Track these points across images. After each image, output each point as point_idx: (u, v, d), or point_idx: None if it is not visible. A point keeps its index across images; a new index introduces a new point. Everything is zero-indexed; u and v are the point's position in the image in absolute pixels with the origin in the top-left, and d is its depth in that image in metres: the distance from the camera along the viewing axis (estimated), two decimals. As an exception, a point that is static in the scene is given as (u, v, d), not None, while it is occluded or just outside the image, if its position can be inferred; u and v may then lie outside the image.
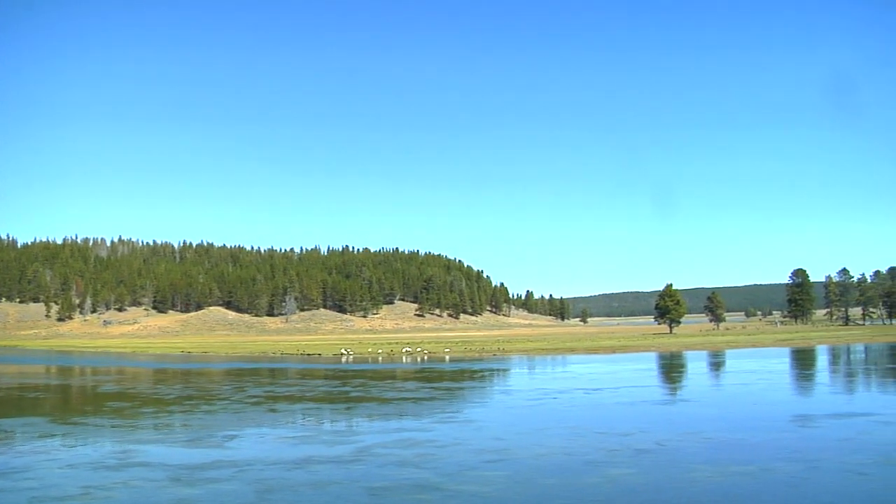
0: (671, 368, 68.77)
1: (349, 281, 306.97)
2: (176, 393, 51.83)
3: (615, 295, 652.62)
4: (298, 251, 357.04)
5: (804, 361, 72.77)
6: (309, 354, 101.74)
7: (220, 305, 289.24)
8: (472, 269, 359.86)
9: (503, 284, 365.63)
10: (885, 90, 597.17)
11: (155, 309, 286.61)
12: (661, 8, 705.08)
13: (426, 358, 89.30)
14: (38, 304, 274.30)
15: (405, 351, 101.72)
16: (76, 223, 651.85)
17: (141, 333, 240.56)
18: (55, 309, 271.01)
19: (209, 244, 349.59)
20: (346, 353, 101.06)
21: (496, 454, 25.47)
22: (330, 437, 30.75)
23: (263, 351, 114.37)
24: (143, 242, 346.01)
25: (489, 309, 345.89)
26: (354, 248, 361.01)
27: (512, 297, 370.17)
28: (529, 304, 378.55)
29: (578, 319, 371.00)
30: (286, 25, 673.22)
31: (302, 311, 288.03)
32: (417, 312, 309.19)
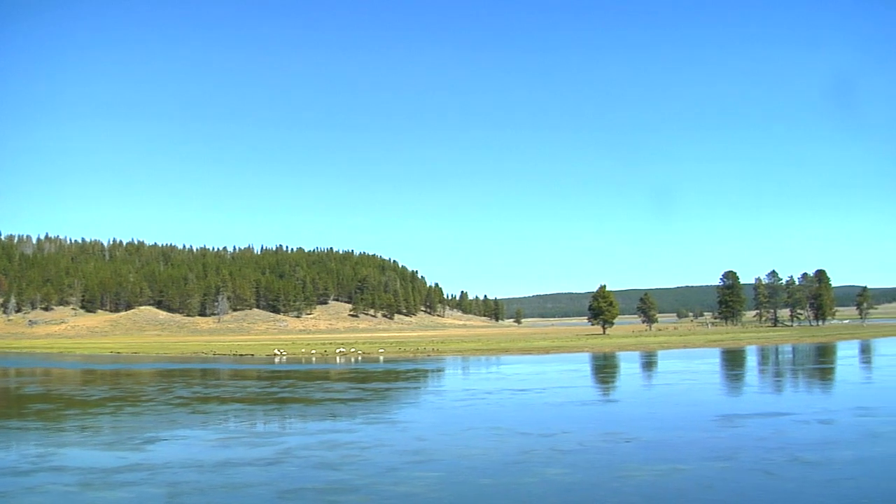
0: (603, 369, 69.75)
1: (283, 281, 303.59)
2: (102, 394, 50.61)
3: (549, 296, 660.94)
4: (231, 250, 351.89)
5: (733, 362, 74.72)
6: (241, 355, 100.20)
7: (150, 305, 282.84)
8: (406, 269, 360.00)
9: (438, 285, 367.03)
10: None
11: (83, 308, 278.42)
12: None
13: (360, 359, 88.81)
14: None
15: (339, 352, 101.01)
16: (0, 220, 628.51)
17: (69, 333, 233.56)
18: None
19: (140, 242, 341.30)
20: (279, 353, 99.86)
21: (418, 455, 25.45)
22: (253, 438, 30.31)
23: (195, 351, 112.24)
24: (70, 240, 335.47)
25: (424, 309, 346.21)
26: (288, 247, 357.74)
27: (446, 297, 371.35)
28: (464, 304, 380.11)
29: (512, 320, 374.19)
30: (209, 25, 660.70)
31: (235, 311, 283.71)
32: (352, 313, 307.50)
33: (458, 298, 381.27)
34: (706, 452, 24.99)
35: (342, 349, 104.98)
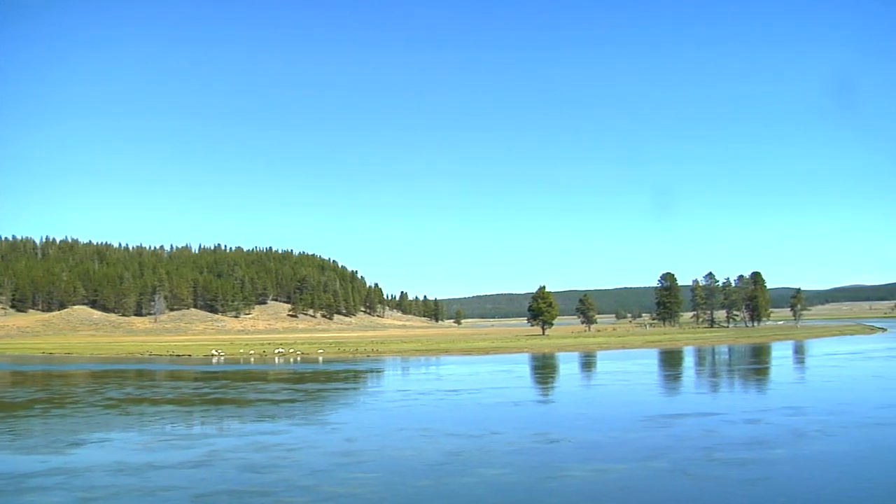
0: (541, 370, 70.40)
1: (221, 280, 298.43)
2: (29, 396, 49.13)
3: (489, 297, 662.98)
4: (169, 249, 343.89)
5: (670, 363, 76.19)
6: (178, 355, 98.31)
7: (84, 304, 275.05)
8: (346, 269, 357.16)
9: (377, 285, 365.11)
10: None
11: (13, 308, 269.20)
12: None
13: (299, 359, 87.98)
14: None
15: (278, 352, 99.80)
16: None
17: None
18: None
19: (74, 240, 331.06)
20: (216, 354, 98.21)
21: (346, 457, 25.30)
22: (181, 441, 29.71)
23: (130, 352, 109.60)
24: (1, 238, 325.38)
25: (363, 310, 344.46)
26: (227, 246, 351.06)
27: (386, 297, 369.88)
28: (404, 304, 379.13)
29: (452, 321, 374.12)
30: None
31: (172, 310, 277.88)
32: (291, 313, 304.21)
33: (397, 299, 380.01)
34: (629, 453, 25.35)
35: (281, 350, 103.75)
